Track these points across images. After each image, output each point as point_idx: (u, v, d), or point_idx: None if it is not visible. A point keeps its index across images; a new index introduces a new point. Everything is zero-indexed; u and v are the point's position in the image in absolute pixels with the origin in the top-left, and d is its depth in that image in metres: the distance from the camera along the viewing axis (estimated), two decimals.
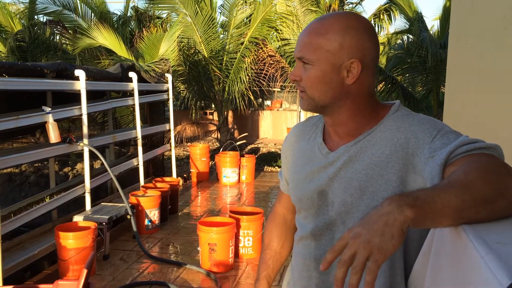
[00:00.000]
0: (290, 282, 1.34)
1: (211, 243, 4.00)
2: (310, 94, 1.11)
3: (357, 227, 0.77)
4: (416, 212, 0.75)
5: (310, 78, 1.09)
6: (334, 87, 1.09)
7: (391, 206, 0.76)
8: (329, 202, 1.15)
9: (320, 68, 1.08)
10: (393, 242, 0.74)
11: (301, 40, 1.11)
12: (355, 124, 1.13)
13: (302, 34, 1.13)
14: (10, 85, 3.93)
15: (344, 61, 1.07)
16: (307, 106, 1.14)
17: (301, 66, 1.11)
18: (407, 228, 0.75)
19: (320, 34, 1.08)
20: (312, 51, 1.08)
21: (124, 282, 3.84)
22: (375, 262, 0.73)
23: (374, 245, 0.73)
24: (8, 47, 9.86)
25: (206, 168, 8.05)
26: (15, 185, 8.35)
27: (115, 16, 11.83)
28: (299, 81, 1.12)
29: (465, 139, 0.94)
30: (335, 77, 1.08)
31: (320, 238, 1.17)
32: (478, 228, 0.76)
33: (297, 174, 1.25)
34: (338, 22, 1.08)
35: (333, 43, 1.06)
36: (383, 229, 0.74)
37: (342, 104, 1.11)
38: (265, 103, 13.76)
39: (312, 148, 1.22)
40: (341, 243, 0.77)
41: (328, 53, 1.07)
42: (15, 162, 4.06)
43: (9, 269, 3.65)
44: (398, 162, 1.05)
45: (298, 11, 9.48)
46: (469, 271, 0.70)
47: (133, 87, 5.91)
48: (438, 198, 0.78)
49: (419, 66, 9.67)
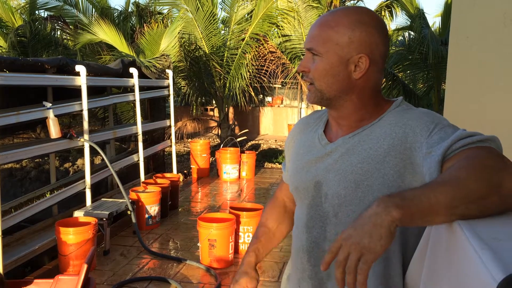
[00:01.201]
0: (290, 275, 1.35)
1: (211, 239, 4.01)
2: (317, 86, 1.13)
3: (349, 229, 0.81)
4: (403, 212, 0.78)
5: (318, 69, 1.11)
6: (341, 80, 1.10)
7: (379, 208, 0.79)
8: (322, 193, 1.16)
9: (328, 60, 1.10)
10: (381, 243, 0.77)
11: (311, 32, 1.13)
12: (358, 118, 1.14)
13: (313, 26, 1.14)
14: (11, 80, 3.94)
15: (353, 55, 1.08)
16: (314, 98, 1.15)
17: (310, 58, 1.13)
18: (395, 228, 0.78)
19: (330, 26, 1.10)
20: (322, 43, 1.10)
21: (124, 277, 3.86)
22: (365, 262, 0.77)
23: (363, 246, 0.77)
24: (9, 42, 9.86)
25: (206, 164, 8.06)
26: (15, 180, 8.36)
27: (116, 11, 11.83)
28: (307, 72, 1.14)
29: (462, 133, 0.94)
30: (342, 70, 1.10)
31: (312, 230, 1.18)
32: (474, 224, 0.76)
33: (295, 163, 1.26)
34: (348, 16, 1.10)
35: (343, 37, 1.08)
36: (372, 230, 0.78)
37: (347, 98, 1.13)
38: (266, 100, 13.75)
39: (313, 139, 1.23)
40: (336, 245, 0.81)
41: (337, 46, 1.08)
42: (16, 158, 4.07)
43: (10, 264, 3.66)
44: (396, 156, 1.05)
45: (299, 7, 9.47)
46: (464, 267, 0.70)
47: (134, 83, 5.91)
48: (425, 197, 0.79)
49: (420, 63, 9.66)
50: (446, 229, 0.82)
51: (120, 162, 5.84)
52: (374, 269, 1.09)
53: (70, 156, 9.29)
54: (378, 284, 1.09)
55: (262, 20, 9.50)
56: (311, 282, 1.19)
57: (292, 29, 9.79)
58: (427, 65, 9.44)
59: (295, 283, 1.26)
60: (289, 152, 1.36)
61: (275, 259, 4.28)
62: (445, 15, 10.09)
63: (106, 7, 11.05)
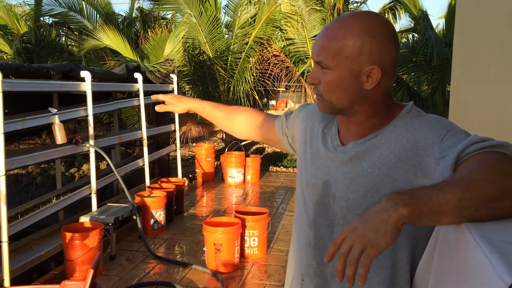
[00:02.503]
0: (290, 267, 1.35)
1: (216, 243, 4.00)
2: (327, 98, 1.11)
3: (355, 222, 0.82)
4: (411, 210, 0.77)
5: (329, 83, 1.08)
6: (352, 93, 1.08)
7: (387, 204, 0.79)
8: (330, 194, 1.15)
9: (338, 74, 1.06)
10: (386, 238, 0.77)
11: (319, 44, 1.09)
12: (369, 124, 1.13)
13: (320, 36, 1.10)
14: (17, 86, 3.96)
15: (364, 67, 1.05)
16: (324, 108, 1.14)
17: (319, 69, 1.10)
18: (402, 225, 0.78)
19: (339, 39, 1.05)
20: (331, 56, 1.06)
21: (130, 282, 3.86)
22: (368, 256, 0.77)
23: (368, 240, 0.78)
24: (14, 49, 9.91)
25: (211, 169, 8.06)
26: (22, 186, 8.41)
27: (120, 17, 11.88)
28: (317, 84, 1.12)
29: (475, 137, 0.94)
30: (353, 82, 1.07)
31: (320, 229, 1.18)
32: (482, 226, 0.76)
33: (308, 157, 1.25)
34: (357, 25, 1.05)
35: (352, 49, 1.04)
36: (378, 225, 0.78)
37: (359, 108, 1.11)
38: (270, 103, 13.75)
39: (326, 136, 1.22)
40: (341, 237, 0.82)
41: (347, 59, 1.05)
42: (22, 163, 4.09)
43: (17, 269, 3.67)
44: (407, 162, 1.04)
45: (302, 10, 9.48)
46: (473, 270, 0.70)
47: (139, 88, 5.93)
48: (435, 196, 0.79)
49: (425, 65, 9.63)
50: (454, 231, 0.81)
51: (125, 167, 5.85)
52: (381, 275, 1.09)
53: (76, 162, 9.32)
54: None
55: (265, 23, 9.52)
56: (316, 279, 1.19)
57: (296, 33, 9.80)
58: (431, 67, 9.41)
59: (299, 277, 1.25)
60: (297, 129, 1.34)
61: (281, 263, 4.27)
62: (449, 17, 10.07)
63: (110, 13, 11.11)
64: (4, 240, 3.51)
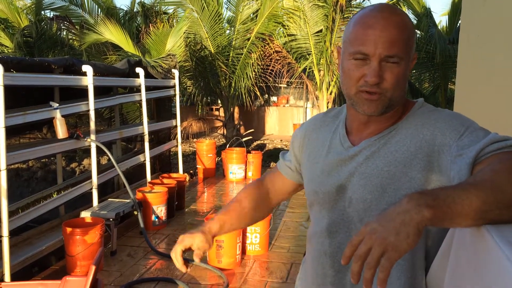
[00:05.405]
0: (302, 278, 1.30)
1: (218, 240, 3.98)
2: (390, 95, 1.03)
3: (374, 223, 0.77)
4: (434, 212, 0.74)
5: (398, 76, 1.02)
6: (406, 84, 1.08)
7: (409, 205, 0.75)
8: (346, 198, 1.11)
9: (405, 65, 1.03)
10: (408, 241, 0.73)
11: (386, 36, 1.00)
12: (386, 120, 1.09)
13: (383, 28, 1.00)
14: (18, 80, 3.93)
15: (411, 55, 1.06)
16: (381, 107, 1.04)
17: (382, 66, 1.01)
18: (424, 227, 0.74)
19: (407, 28, 1.03)
20: (404, 47, 1.01)
21: (131, 278, 3.85)
22: (389, 259, 0.73)
23: (389, 243, 0.73)
24: (15, 43, 9.88)
25: (212, 164, 8.04)
26: (22, 180, 8.38)
27: (122, 11, 11.85)
28: (379, 83, 1.02)
29: (495, 136, 0.91)
30: (408, 72, 1.06)
31: (336, 235, 1.14)
32: (502, 228, 0.73)
33: (315, 166, 1.20)
34: (404, 14, 1.06)
35: (412, 37, 1.04)
36: (400, 227, 0.73)
37: (402, 102, 1.10)
38: (271, 99, 13.72)
39: (333, 139, 1.18)
40: (358, 238, 0.77)
41: (411, 49, 1.04)
42: (23, 158, 4.07)
43: (17, 264, 3.66)
44: (423, 159, 1.01)
45: (305, 6, 9.42)
46: (493, 273, 0.67)
47: (140, 83, 5.90)
48: (459, 198, 0.75)
49: (427, 62, 9.59)
50: (471, 233, 0.79)
51: (126, 162, 5.83)
52: (401, 280, 1.06)
53: (77, 156, 9.31)
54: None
55: (267, 19, 9.48)
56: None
57: (298, 29, 9.75)
58: (434, 64, 9.38)
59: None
60: (300, 148, 1.28)
61: (282, 260, 4.25)
62: (452, 14, 10.02)
63: (111, 7, 11.07)
64: (5, 235, 3.49)
